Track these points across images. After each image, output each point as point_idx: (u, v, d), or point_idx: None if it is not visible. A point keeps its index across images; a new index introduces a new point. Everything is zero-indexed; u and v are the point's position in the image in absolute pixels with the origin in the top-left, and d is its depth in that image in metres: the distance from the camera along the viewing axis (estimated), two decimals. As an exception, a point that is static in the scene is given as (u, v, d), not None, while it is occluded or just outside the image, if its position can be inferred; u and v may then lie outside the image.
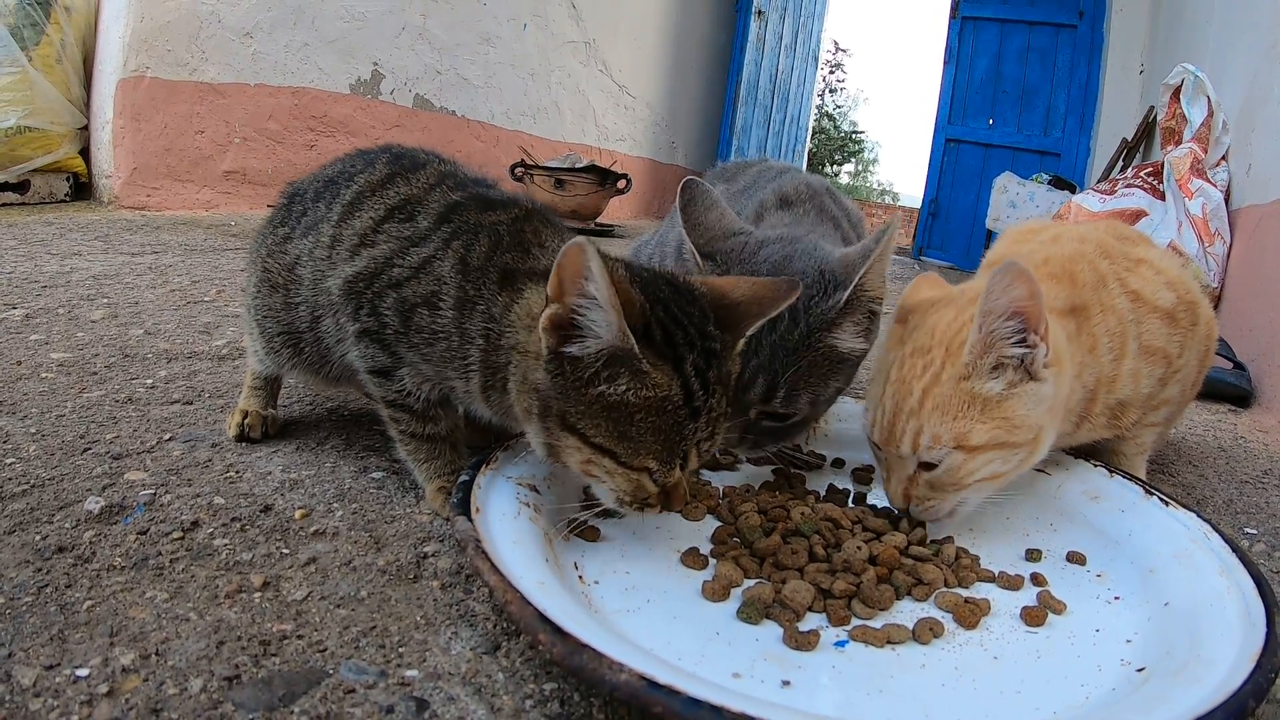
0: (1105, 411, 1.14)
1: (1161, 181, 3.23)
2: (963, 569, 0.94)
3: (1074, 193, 4.90)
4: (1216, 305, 2.66)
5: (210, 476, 1.06)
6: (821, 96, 25.85)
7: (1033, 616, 0.86)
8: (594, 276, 0.77)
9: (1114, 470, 1.14)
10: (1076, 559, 1.00)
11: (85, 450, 1.10)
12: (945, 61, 6.52)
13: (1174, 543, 0.97)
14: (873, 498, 1.17)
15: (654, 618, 0.82)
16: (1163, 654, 0.79)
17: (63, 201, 3.65)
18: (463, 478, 0.93)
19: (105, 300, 1.96)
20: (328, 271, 1.04)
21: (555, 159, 4.99)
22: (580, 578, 0.88)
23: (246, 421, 1.19)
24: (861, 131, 30.94)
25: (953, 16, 6.45)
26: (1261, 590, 0.82)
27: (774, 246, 1.15)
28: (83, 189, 3.78)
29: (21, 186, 3.49)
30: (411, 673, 0.70)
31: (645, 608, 0.83)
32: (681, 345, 0.84)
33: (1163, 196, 3.18)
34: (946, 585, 0.91)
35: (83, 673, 0.66)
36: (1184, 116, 3.31)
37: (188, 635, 0.72)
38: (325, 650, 0.72)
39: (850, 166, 30.60)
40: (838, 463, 1.27)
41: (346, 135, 4.27)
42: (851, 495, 1.16)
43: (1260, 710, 0.73)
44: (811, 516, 1.01)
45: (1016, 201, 5.24)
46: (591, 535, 0.96)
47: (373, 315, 0.99)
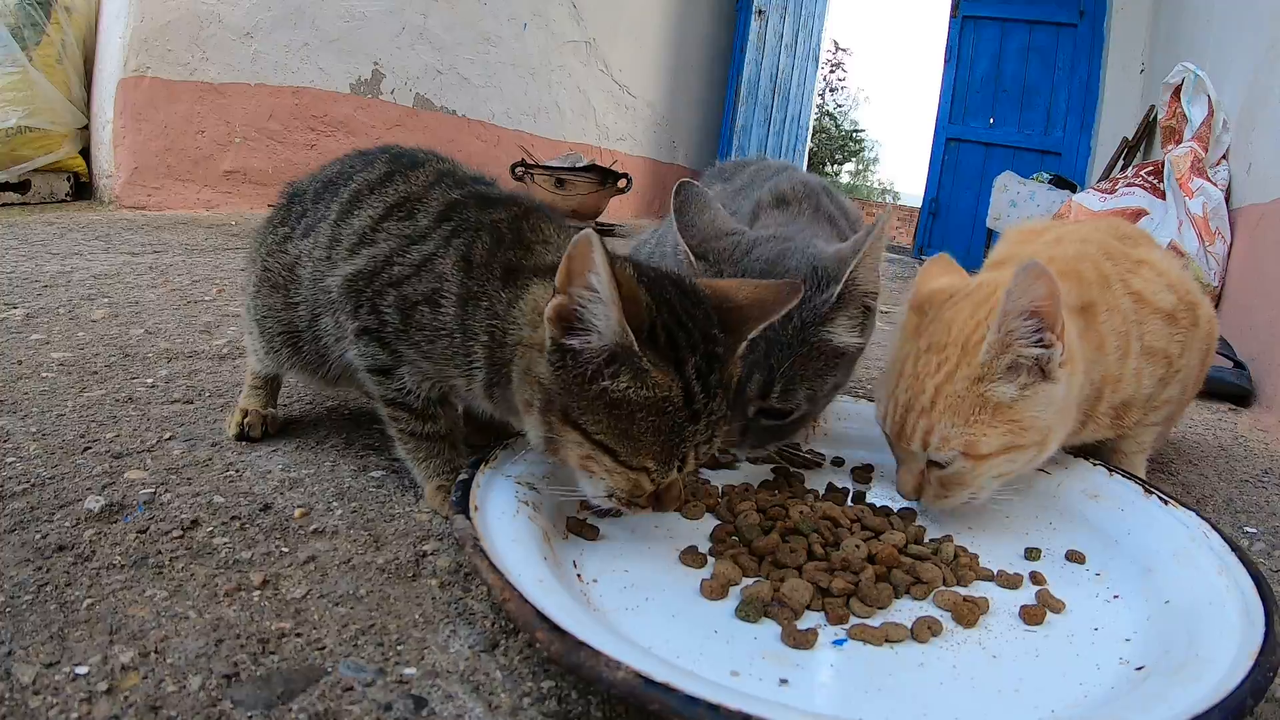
0: (1109, 411, 1.14)
1: (1162, 180, 3.23)
2: (961, 567, 0.94)
3: (1075, 192, 4.89)
4: (1217, 304, 2.65)
5: (210, 475, 1.06)
6: (822, 96, 25.83)
7: (1031, 615, 0.86)
8: (597, 269, 0.77)
9: (1113, 469, 1.14)
10: (1076, 558, 1.00)
11: (85, 449, 1.10)
12: (946, 61, 6.52)
13: (1173, 541, 0.97)
14: (872, 496, 1.17)
15: (652, 616, 0.82)
16: (1161, 652, 0.79)
17: (63, 201, 3.66)
18: (462, 476, 0.93)
19: (106, 300, 1.96)
20: (327, 271, 1.04)
21: (556, 158, 4.99)
22: (579, 576, 0.88)
23: (246, 420, 1.19)
24: (862, 131, 30.96)
25: (953, 15, 6.45)
26: (1260, 589, 0.82)
27: (766, 245, 1.15)
28: (83, 189, 3.78)
29: (22, 186, 3.49)
30: (410, 670, 0.70)
31: (644, 606, 0.83)
32: (684, 347, 0.84)
33: (1163, 195, 3.18)
34: (945, 584, 0.91)
35: (82, 670, 0.66)
36: (1184, 115, 3.31)
37: (187, 633, 0.72)
38: (324, 648, 0.72)
39: (851, 166, 30.61)
40: (837, 461, 1.27)
41: (347, 135, 4.27)
42: (850, 494, 1.16)
43: (1259, 708, 0.73)
44: (810, 515, 1.01)
45: (1017, 201, 5.24)
46: (590, 534, 0.96)
47: (373, 313, 0.99)
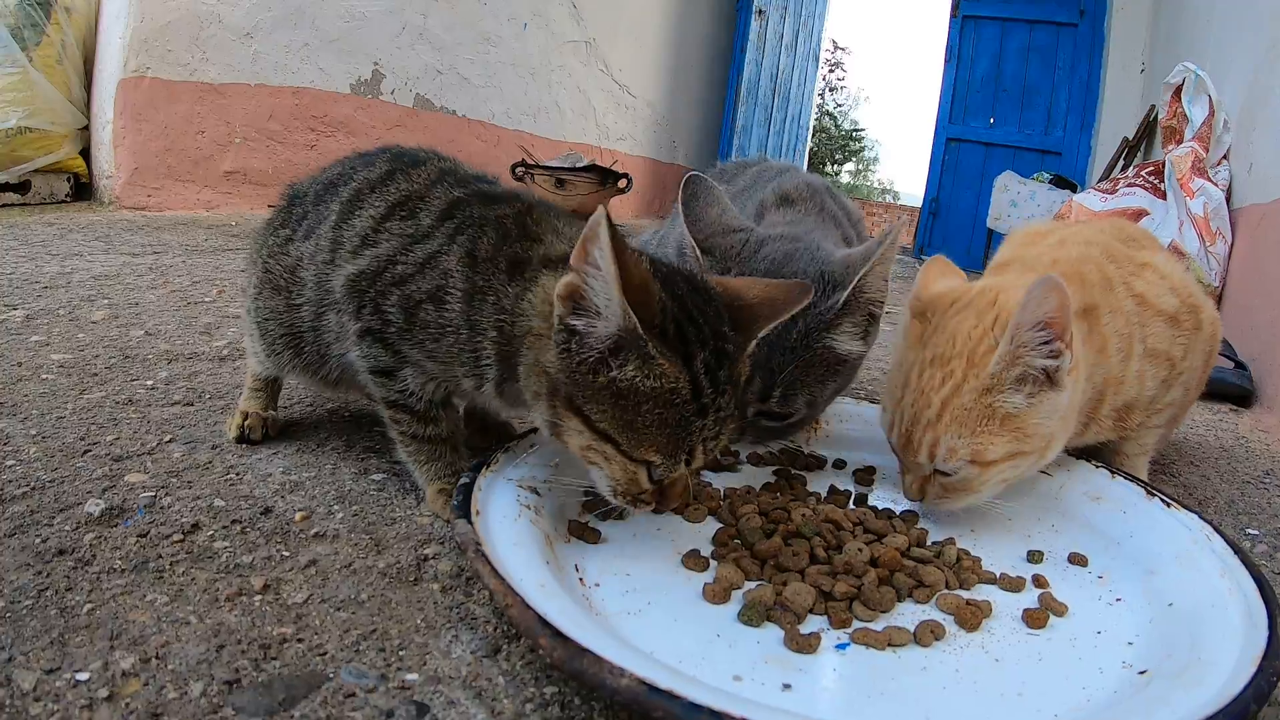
0: (1112, 413, 1.14)
1: (1163, 180, 3.23)
2: (964, 570, 0.94)
3: (1075, 192, 4.89)
4: (1218, 304, 2.65)
5: (211, 478, 1.06)
6: (822, 95, 25.83)
7: (1034, 618, 0.86)
8: (601, 243, 0.76)
9: (1116, 471, 1.14)
10: (1078, 560, 1.00)
11: (85, 452, 1.10)
12: (946, 60, 6.51)
13: (1176, 544, 0.97)
14: (874, 499, 1.16)
15: (655, 620, 0.82)
16: (1164, 656, 0.79)
17: (63, 202, 3.65)
18: (463, 480, 0.92)
19: (106, 301, 1.96)
20: (330, 272, 1.03)
21: (556, 158, 4.98)
22: (581, 580, 0.87)
23: (247, 423, 1.19)
24: (862, 130, 30.92)
25: (953, 15, 6.44)
26: (1263, 592, 0.82)
27: (775, 244, 1.15)
28: (83, 189, 3.78)
29: (22, 187, 3.49)
30: (412, 676, 0.70)
31: (646, 610, 0.83)
32: (694, 342, 0.83)
33: (1164, 195, 3.18)
34: (948, 587, 0.91)
35: (83, 676, 0.66)
36: (1185, 115, 3.30)
37: (188, 639, 0.72)
38: (325, 654, 0.72)
39: (851, 165, 30.60)
40: (839, 463, 1.27)
41: (347, 135, 4.26)
42: (853, 497, 1.15)
43: (1262, 713, 0.73)
44: (813, 518, 1.01)
45: (1018, 200, 5.23)
46: (592, 537, 0.96)
47: (375, 313, 0.98)
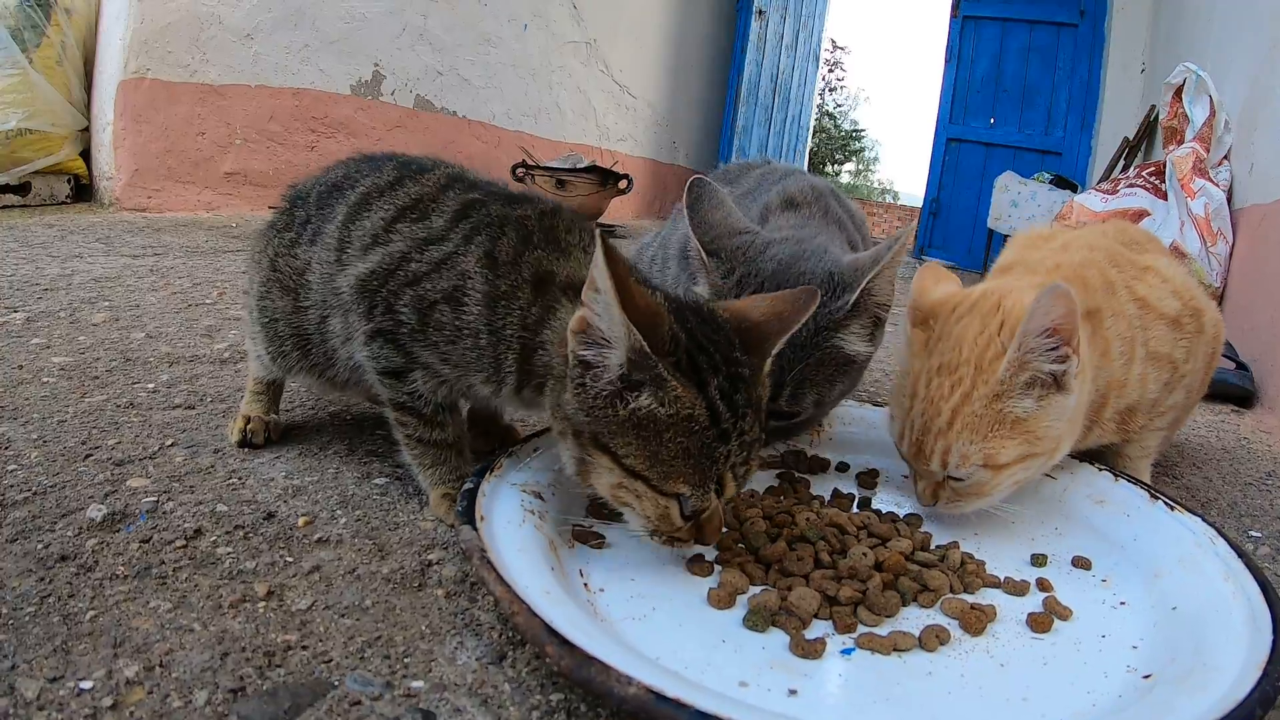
0: (1114, 416, 1.14)
1: (1164, 181, 3.23)
2: (968, 574, 0.94)
3: (1076, 192, 4.90)
4: (1219, 305, 2.65)
5: (213, 483, 1.06)
6: (822, 95, 25.82)
7: (1039, 623, 0.86)
8: (598, 265, 0.74)
9: (1119, 474, 1.14)
10: (1082, 564, 1.00)
11: (87, 456, 1.10)
12: (946, 60, 6.51)
13: (1179, 547, 0.97)
14: (878, 502, 1.16)
15: (660, 625, 0.82)
16: (1168, 660, 0.79)
17: (64, 203, 3.65)
18: (467, 485, 0.92)
19: (106, 303, 1.96)
20: (336, 275, 1.02)
21: (556, 159, 4.98)
22: (586, 585, 0.87)
23: (249, 427, 1.18)
24: (862, 130, 30.93)
25: (953, 15, 6.45)
26: (1267, 596, 0.82)
27: (781, 246, 1.15)
28: (84, 191, 3.77)
29: (22, 188, 3.49)
30: (417, 684, 0.70)
31: (651, 615, 0.83)
32: (706, 370, 0.81)
33: (1165, 196, 3.18)
34: (952, 591, 0.91)
35: (86, 685, 0.65)
36: (1186, 115, 3.30)
37: (192, 646, 0.72)
38: (330, 661, 0.72)
39: (851, 166, 30.60)
40: (842, 466, 1.27)
41: (348, 136, 4.26)
42: (856, 500, 1.15)
43: (1266, 718, 0.72)
44: (817, 522, 1.01)
45: (1018, 201, 5.23)
46: (597, 542, 0.96)
47: (388, 314, 0.97)
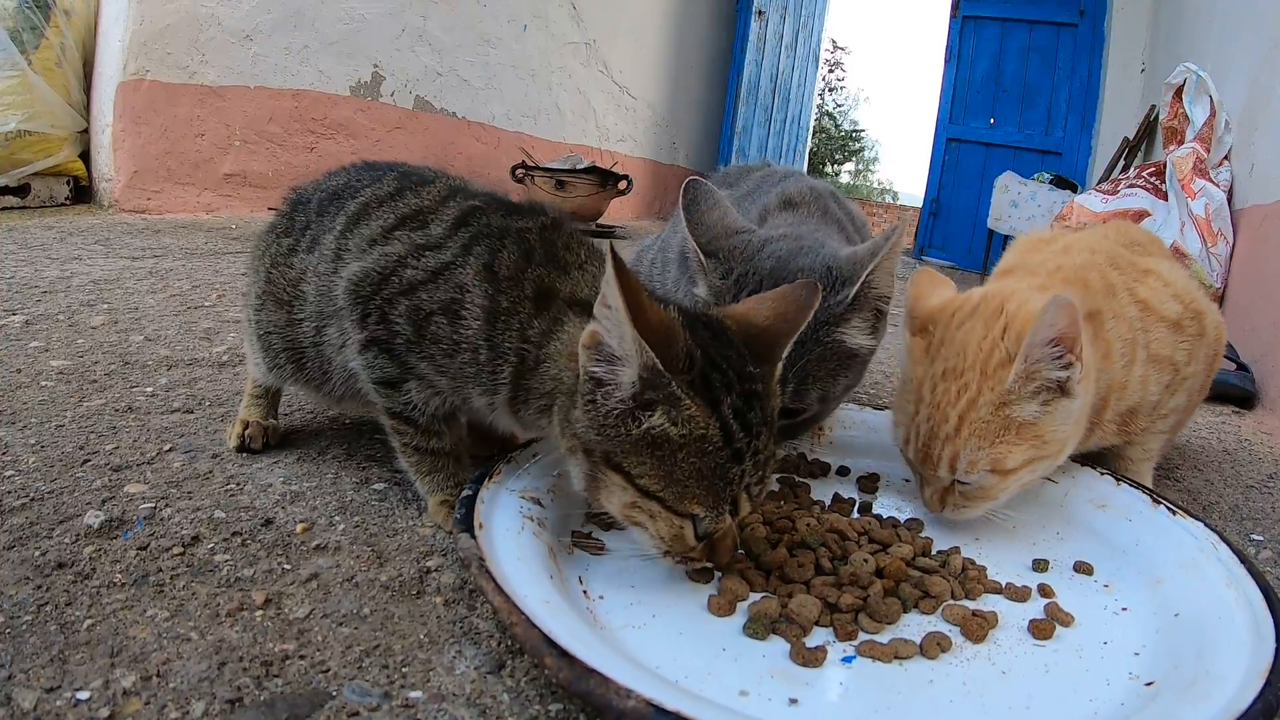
0: (1115, 419, 1.14)
1: (1164, 181, 3.22)
2: (970, 580, 0.94)
3: (1076, 192, 4.89)
4: (1219, 305, 2.65)
5: (211, 489, 1.05)
6: (822, 96, 25.81)
7: (1040, 629, 0.85)
8: (609, 280, 0.73)
9: (1121, 478, 1.13)
10: (1084, 569, 0.99)
11: (85, 462, 1.09)
12: (946, 60, 6.51)
13: (1181, 552, 0.96)
14: (879, 507, 1.16)
15: (660, 633, 0.81)
16: (1171, 667, 0.78)
17: (63, 205, 3.65)
18: (465, 492, 0.92)
19: (105, 306, 1.95)
20: (333, 282, 1.02)
21: (556, 160, 4.98)
22: (585, 592, 0.87)
23: (247, 432, 1.18)
24: (862, 131, 30.93)
25: (953, 15, 6.45)
26: (1270, 602, 0.82)
27: (778, 244, 1.15)
28: (83, 192, 3.77)
29: (22, 190, 3.49)
30: (415, 694, 0.69)
31: (651, 623, 0.83)
32: (719, 388, 0.80)
33: (1165, 196, 3.17)
34: (954, 597, 0.91)
35: (83, 695, 0.65)
36: (1186, 116, 3.30)
37: (189, 656, 0.71)
38: (328, 671, 0.71)
39: (851, 166, 30.60)
40: (842, 470, 1.26)
41: (347, 137, 4.26)
42: (857, 505, 1.15)
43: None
44: (817, 528, 1.00)
45: (1018, 201, 5.23)
46: (596, 549, 0.95)
47: (381, 323, 0.95)
